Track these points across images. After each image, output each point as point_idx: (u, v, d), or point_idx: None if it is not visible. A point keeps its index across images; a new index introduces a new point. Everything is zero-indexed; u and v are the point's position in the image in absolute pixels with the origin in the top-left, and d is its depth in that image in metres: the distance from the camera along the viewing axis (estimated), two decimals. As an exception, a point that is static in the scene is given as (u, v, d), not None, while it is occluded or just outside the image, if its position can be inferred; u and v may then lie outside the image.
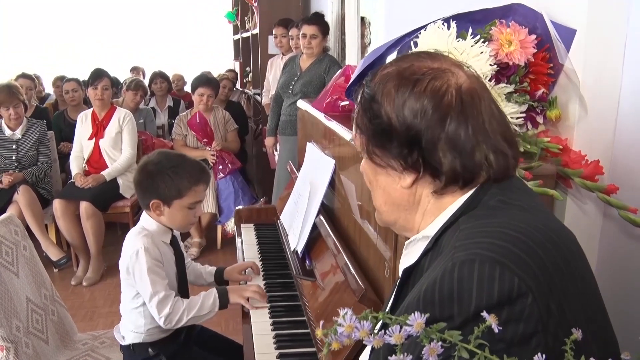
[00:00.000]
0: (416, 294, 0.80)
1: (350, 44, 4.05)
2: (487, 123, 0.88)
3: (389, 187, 0.96)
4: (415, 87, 0.88)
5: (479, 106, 0.88)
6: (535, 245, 0.79)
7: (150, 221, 1.90)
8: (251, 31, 6.19)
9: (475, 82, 0.90)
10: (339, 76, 2.31)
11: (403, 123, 0.88)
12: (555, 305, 0.76)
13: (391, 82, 0.90)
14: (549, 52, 1.43)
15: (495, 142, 0.88)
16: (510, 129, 0.92)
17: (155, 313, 1.81)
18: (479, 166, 0.88)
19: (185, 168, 1.87)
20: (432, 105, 0.86)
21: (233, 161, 4.58)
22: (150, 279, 1.79)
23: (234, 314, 3.40)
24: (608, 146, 1.43)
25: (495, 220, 0.84)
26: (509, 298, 0.73)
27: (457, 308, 0.74)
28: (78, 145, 4.23)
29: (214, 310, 1.89)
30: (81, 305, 3.70)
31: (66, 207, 3.98)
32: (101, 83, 4.13)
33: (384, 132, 0.90)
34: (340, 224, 1.92)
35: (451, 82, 0.88)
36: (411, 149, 0.89)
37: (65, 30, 9.27)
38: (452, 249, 0.80)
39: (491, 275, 0.74)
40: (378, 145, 0.93)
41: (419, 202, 0.95)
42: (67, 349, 2.22)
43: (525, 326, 0.74)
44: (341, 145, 1.88)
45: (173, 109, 5.83)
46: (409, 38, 1.46)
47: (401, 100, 0.88)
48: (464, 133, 0.86)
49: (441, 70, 0.89)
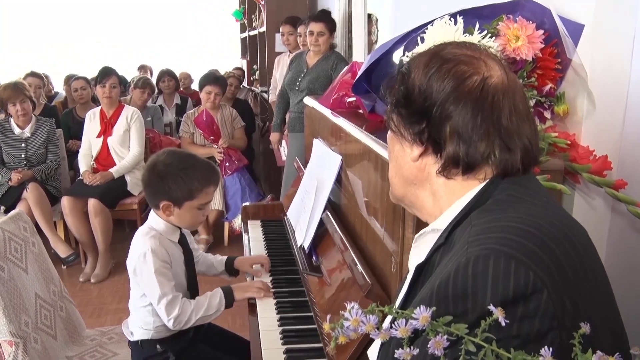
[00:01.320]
0: (429, 290, 0.79)
1: (357, 41, 4.05)
2: (504, 119, 0.87)
3: (400, 159, 0.98)
4: (443, 65, 0.90)
5: (500, 101, 0.88)
6: (549, 240, 0.79)
7: (159, 220, 1.90)
8: (258, 29, 6.20)
9: (506, 80, 0.90)
10: (345, 73, 2.31)
11: (422, 93, 0.90)
12: (569, 300, 0.76)
13: (424, 57, 0.93)
14: (557, 47, 1.42)
15: (507, 140, 0.88)
16: (533, 132, 0.91)
17: (163, 315, 1.81)
18: (482, 157, 0.88)
19: (197, 169, 1.86)
20: (452, 84, 0.88)
21: (240, 158, 4.59)
22: (158, 281, 1.79)
23: (241, 310, 3.40)
24: (616, 141, 1.42)
25: (508, 215, 0.84)
26: (524, 294, 0.73)
27: (471, 304, 0.74)
28: (86, 143, 4.25)
29: (220, 310, 1.89)
30: (89, 301, 3.72)
31: (74, 204, 3.99)
32: (109, 81, 4.15)
33: (404, 99, 0.93)
34: (347, 220, 1.92)
35: (480, 71, 0.89)
36: (421, 119, 0.91)
37: (67, 30, 9.27)
38: (465, 244, 0.79)
39: (507, 270, 0.74)
40: (396, 111, 0.96)
41: (427, 179, 0.95)
42: (75, 345, 2.23)
43: (541, 322, 0.73)
44: (348, 141, 1.88)
45: (180, 107, 5.85)
46: (416, 34, 1.45)
47: (428, 73, 0.90)
48: (474, 121, 0.87)
49: (475, 58, 0.90)
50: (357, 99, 1.91)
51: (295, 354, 1.62)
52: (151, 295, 1.82)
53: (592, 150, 1.38)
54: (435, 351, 0.67)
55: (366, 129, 1.70)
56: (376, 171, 1.53)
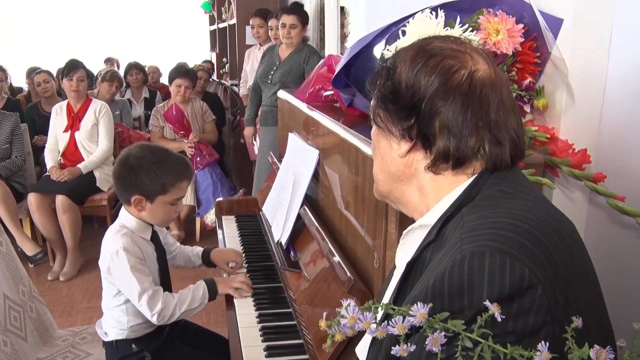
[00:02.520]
0: (424, 287, 0.78)
1: (329, 33, 4.03)
2: (492, 113, 0.87)
3: (387, 155, 0.97)
4: (430, 59, 0.89)
5: (488, 95, 0.88)
6: (541, 235, 0.79)
7: (130, 218, 1.86)
8: (228, 21, 6.13)
9: (493, 74, 0.90)
10: (321, 66, 2.29)
11: (410, 88, 0.89)
12: (561, 294, 0.76)
13: (410, 52, 0.93)
14: (536, 42, 1.43)
15: (497, 133, 0.88)
16: (519, 125, 0.92)
17: (147, 311, 1.77)
18: (472, 152, 0.88)
19: (170, 163, 1.83)
20: (440, 79, 0.87)
21: (211, 153, 4.54)
22: (136, 278, 1.76)
23: (215, 306, 3.37)
24: (594, 135, 1.44)
25: (500, 210, 0.83)
26: (519, 290, 0.73)
27: (467, 301, 0.74)
28: (53, 137, 4.15)
29: (204, 303, 1.87)
30: (58, 300, 3.64)
31: (41, 201, 3.90)
32: (76, 74, 4.05)
33: (391, 94, 0.92)
34: (325, 215, 1.91)
35: (467, 65, 0.88)
36: (410, 114, 0.90)
37: (28, 22, 9.06)
38: (459, 241, 0.79)
39: (502, 267, 0.74)
40: (383, 107, 0.95)
41: (414, 175, 0.95)
42: (46, 346, 2.18)
43: (535, 317, 0.73)
44: (324, 135, 1.86)
45: (149, 101, 5.76)
46: (397, 27, 1.44)
47: (415, 68, 0.90)
48: (463, 116, 0.86)
49: (461, 52, 0.90)
50: (335, 92, 1.89)
51: (276, 350, 1.60)
52: (130, 294, 1.78)
53: (571, 144, 1.40)
54: (432, 348, 0.67)
55: (344, 123, 1.69)
56: (356, 165, 1.52)
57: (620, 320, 1.01)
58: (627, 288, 1.37)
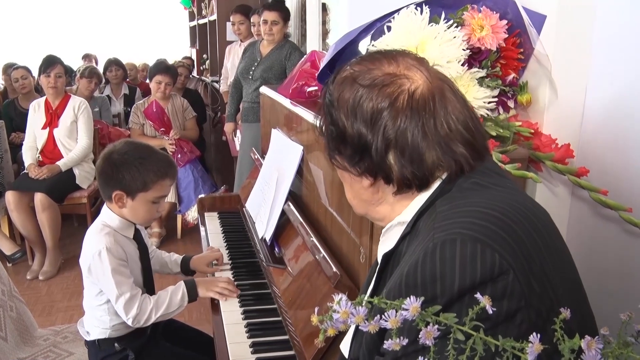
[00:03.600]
0: (398, 278, 0.80)
1: (311, 30, 4.03)
2: (441, 125, 0.87)
3: (354, 185, 0.97)
4: (367, 94, 0.87)
5: (432, 109, 0.87)
6: (513, 222, 0.80)
7: (112, 216, 1.83)
8: (208, 17, 6.09)
9: (433, 82, 0.89)
10: (304, 62, 2.29)
11: (354, 130, 0.88)
12: (536, 281, 0.78)
13: (345, 88, 0.91)
14: (519, 38, 1.44)
15: (450, 144, 0.87)
16: (472, 123, 0.90)
17: (122, 314, 1.76)
18: (431, 171, 0.88)
19: (153, 161, 1.81)
20: (381, 113, 0.86)
21: (192, 150, 4.51)
22: (115, 281, 1.74)
23: (199, 303, 3.34)
24: (576, 130, 1.46)
25: (472, 200, 0.85)
26: (491, 276, 0.74)
27: (439, 288, 0.75)
28: (31, 135, 4.08)
29: (183, 305, 1.85)
30: (38, 300, 3.59)
31: (20, 199, 3.84)
32: (54, 70, 3.99)
33: (338, 138, 0.92)
34: (310, 211, 1.90)
35: (404, 88, 0.87)
36: (362, 157, 0.90)
37: (3, 16, 8.91)
38: (431, 230, 0.81)
39: (473, 253, 0.75)
40: (334, 150, 0.95)
41: (384, 198, 0.95)
42: (27, 346, 2.14)
43: (509, 303, 0.75)
44: (308, 130, 1.86)
45: (129, 97, 5.70)
46: (381, 23, 1.45)
47: (353, 107, 0.88)
48: (413, 140, 0.86)
49: (395, 76, 0.88)
50: (319, 88, 1.89)
51: (261, 347, 1.60)
52: (109, 294, 1.77)
53: (554, 138, 1.41)
54: (425, 341, 0.67)
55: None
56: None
57: (603, 312, 1.03)
58: (610, 280, 1.39)
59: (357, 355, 0.91)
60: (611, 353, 0.71)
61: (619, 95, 1.36)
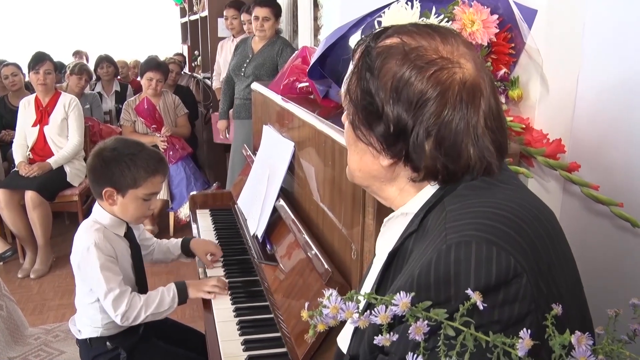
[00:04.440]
0: (408, 278, 0.78)
1: (303, 26, 4.01)
2: (481, 124, 0.83)
3: (366, 159, 0.91)
4: (418, 76, 0.81)
5: (478, 104, 0.83)
6: (524, 223, 0.79)
7: (103, 213, 1.82)
8: (199, 13, 6.06)
9: (480, 74, 0.84)
10: (295, 58, 2.27)
11: (395, 111, 0.82)
12: (544, 283, 0.77)
13: (393, 61, 0.83)
14: (511, 32, 1.44)
15: (484, 146, 0.84)
16: (504, 125, 0.88)
17: (111, 311, 1.75)
18: (461, 169, 0.84)
19: (143, 157, 1.80)
20: (429, 100, 0.81)
21: (184, 147, 4.50)
22: (103, 277, 1.73)
23: (192, 301, 3.33)
24: (568, 125, 1.46)
25: (483, 200, 0.83)
26: (505, 279, 0.73)
27: (454, 291, 0.73)
28: (21, 132, 4.05)
29: (173, 307, 1.83)
30: (29, 298, 3.57)
31: (10, 197, 3.82)
32: (43, 67, 3.95)
33: (373, 113, 0.85)
34: (301, 208, 1.90)
35: (457, 77, 0.81)
36: (397, 139, 0.84)
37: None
38: (444, 231, 0.78)
39: (489, 256, 0.73)
40: (364, 122, 0.87)
41: (396, 179, 0.91)
42: (18, 345, 2.13)
43: (521, 306, 0.73)
44: (300, 127, 1.85)
45: (120, 94, 5.67)
46: (372, 18, 1.44)
47: (397, 85, 0.82)
48: (455, 134, 0.82)
49: (450, 62, 0.82)
50: (310, 84, 1.88)
51: (253, 344, 1.59)
52: (98, 291, 1.75)
53: (545, 134, 1.41)
54: (416, 337, 0.66)
55: (319, 114, 1.68)
56: (332, 157, 1.52)
57: (594, 307, 1.02)
58: (601, 275, 1.39)
59: (356, 351, 0.89)
60: (601, 349, 0.70)
61: (610, 90, 1.35)
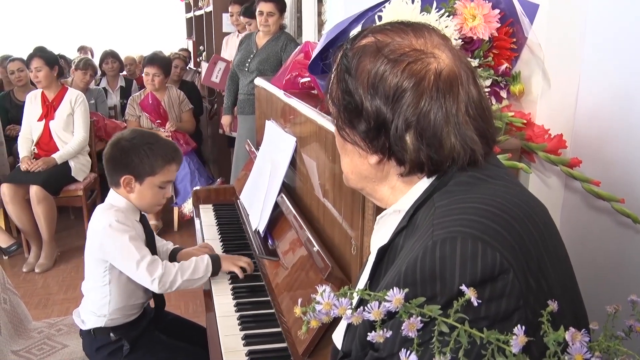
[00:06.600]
0: (396, 274, 0.78)
1: (307, 21, 4.01)
2: (462, 113, 0.83)
3: (356, 160, 0.93)
4: (392, 69, 0.82)
5: (456, 93, 0.83)
6: (512, 219, 0.79)
7: (119, 198, 1.86)
8: (204, 9, 6.06)
9: (457, 64, 0.84)
10: (297, 53, 2.27)
11: (373, 106, 0.83)
12: (533, 279, 0.76)
13: (367, 58, 0.85)
14: (512, 27, 1.43)
15: (466, 134, 0.84)
16: (487, 113, 0.87)
17: (147, 277, 1.75)
18: (445, 159, 0.85)
19: (160, 146, 1.86)
20: (405, 92, 0.81)
21: (188, 142, 4.50)
22: (134, 246, 1.75)
23: (194, 296, 3.36)
24: (569, 120, 1.45)
25: (471, 196, 0.82)
26: (491, 275, 0.73)
27: (440, 287, 0.73)
28: (27, 126, 4.07)
29: (207, 276, 1.85)
30: (34, 292, 3.59)
31: (15, 192, 3.83)
32: (32, 65, 3.98)
33: (354, 111, 0.86)
34: (303, 203, 1.90)
35: (431, 67, 0.82)
36: (378, 134, 0.85)
37: (5, 9, 8.87)
38: (431, 227, 0.78)
39: (474, 252, 0.73)
40: (347, 122, 0.89)
41: (386, 177, 0.92)
42: (21, 338, 2.14)
43: (508, 302, 0.73)
44: (302, 122, 1.85)
45: (125, 89, 5.68)
46: (372, 12, 1.43)
47: (374, 81, 0.83)
48: (435, 123, 0.82)
49: (423, 53, 0.83)
50: (312, 79, 1.88)
51: (254, 339, 1.59)
52: (127, 264, 1.76)
53: (547, 129, 1.40)
54: (408, 333, 0.66)
55: (321, 110, 1.68)
56: (333, 152, 1.51)
57: (594, 304, 1.02)
58: (602, 271, 1.39)
59: (349, 348, 0.90)
60: (598, 346, 0.70)
61: (612, 86, 1.34)
